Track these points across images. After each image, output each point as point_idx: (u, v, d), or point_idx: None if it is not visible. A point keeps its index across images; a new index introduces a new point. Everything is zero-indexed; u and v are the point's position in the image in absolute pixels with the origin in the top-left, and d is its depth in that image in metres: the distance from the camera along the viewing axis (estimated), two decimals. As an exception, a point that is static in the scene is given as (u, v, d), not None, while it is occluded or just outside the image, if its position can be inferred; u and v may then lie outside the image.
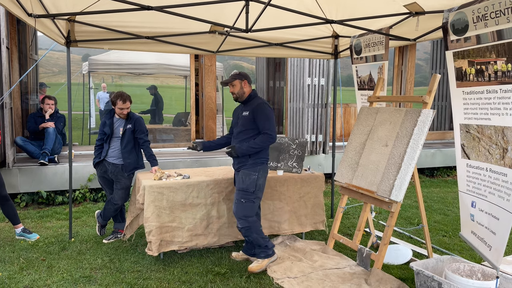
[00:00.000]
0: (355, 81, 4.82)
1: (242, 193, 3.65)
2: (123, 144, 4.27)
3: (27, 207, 5.75)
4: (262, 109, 3.65)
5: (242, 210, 3.63)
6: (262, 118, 3.63)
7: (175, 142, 8.69)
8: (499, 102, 2.76)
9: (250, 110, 3.68)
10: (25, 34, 7.15)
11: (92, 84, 11.99)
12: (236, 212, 3.66)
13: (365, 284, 3.40)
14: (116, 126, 4.34)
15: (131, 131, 4.30)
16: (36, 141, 6.09)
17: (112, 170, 4.32)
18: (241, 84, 3.75)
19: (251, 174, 3.65)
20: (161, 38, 4.67)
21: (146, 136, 4.35)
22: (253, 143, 3.62)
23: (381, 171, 3.57)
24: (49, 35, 3.94)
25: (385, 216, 5.57)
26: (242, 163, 3.70)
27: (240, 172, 3.71)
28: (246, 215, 3.62)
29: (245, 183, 3.64)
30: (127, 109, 4.26)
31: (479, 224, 3.02)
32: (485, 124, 2.90)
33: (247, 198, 3.63)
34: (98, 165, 4.40)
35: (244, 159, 3.69)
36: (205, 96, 7.73)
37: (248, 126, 3.69)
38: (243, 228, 3.63)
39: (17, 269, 3.71)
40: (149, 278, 3.59)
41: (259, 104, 3.69)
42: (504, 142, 2.74)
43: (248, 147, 3.62)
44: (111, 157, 4.33)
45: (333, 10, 4.04)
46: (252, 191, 3.64)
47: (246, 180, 3.64)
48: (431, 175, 8.39)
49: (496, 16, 2.66)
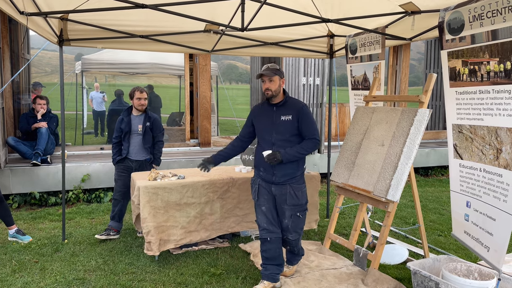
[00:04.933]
0: (349, 81, 4.81)
1: (296, 208, 3.35)
2: (145, 141, 4.49)
3: (19, 208, 5.68)
4: (308, 113, 3.34)
5: (298, 223, 3.39)
6: (309, 122, 3.31)
7: (169, 142, 8.63)
8: (492, 103, 2.76)
9: (294, 114, 3.30)
10: (17, 33, 7.06)
11: (85, 83, 11.89)
12: (292, 226, 3.37)
13: (362, 284, 3.39)
14: (134, 123, 4.48)
15: (150, 129, 4.50)
16: (29, 142, 6.02)
17: (136, 166, 4.51)
18: (280, 82, 3.34)
19: (301, 186, 3.38)
20: (155, 37, 4.62)
21: (162, 136, 4.62)
22: (301, 148, 3.29)
23: (377, 170, 3.56)
24: (42, 33, 3.87)
25: (380, 215, 5.57)
26: (290, 175, 3.33)
27: (287, 187, 3.32)
28: (301, 227, 3.43)
29: (299, 198, 3.35)
30: (145, 99, 4.47)
31: (474, 224, 3.01)
32: (478, 125, 2.90)
33: (302, 211, 3.39)
34: (119, 162, 4.52)
35: (292, 170, 3.32)
36: (200, 96, 7.68)
37: (294, 132, 3.32)
38: (294, 241, 3.42)
39: (9, 272, 3.64)
40: (144, 279, 3.55)
41: (303, 108, 3.34)
42: (497, 143, 2.74)
43: (296, 152, 3.27)
44: (133, 153, 4.50)
45: (329, 9, 4.02)
46: (305, 202, 3.41)
47: (299, 195, 3.35)
48: (426, 175, 8.42)
49: (492, 16, 2.66)
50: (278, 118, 3.33)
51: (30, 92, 7.73)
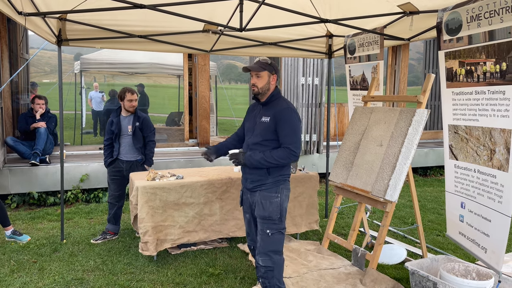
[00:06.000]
0: (347, 81, 4.81)
1: (266, 223, 2.90)
2: (135, 142, 4.45)
3: (18, 208, 5.67)
4: (287, 118, 2.85)
5: (268, 244, 2.89)
6: (286, 128, 2.84)
7: (168, 142, 8.63)
8: (487, 104, 2.77)
9: (272, 116, 2.89)
10: (16, 33, 7.05)
11: (83, 83, 11.89)
12: (261, 246, 2.91)
13: (360, 284, 3.40)
14: (124, 123, 4.46)
15: (140, 129, 4.47)
16: (27, 141, 6.01)
17: (127, 167, 4.47)
18: (269, 78, 2.95)
19: (272, 196, 2.89)
20: (154, 37, 4.62)
21: (153, 136, 4.57)
22: (270, 156, 2.83)
23: (375, 171, 3.56)
24: (40, 34, 3.87)
25: (379, 215, 5.58)
26: (259, 182, 2.93)
27: (256, 194, 2.94)
28: (272, 250, 2.90)
29: (267, 210, 2.88)
30: (136, 100, 4.45)
31: (469, 225, 3.02)
32: (473, 125, 2.91)
33: (274, 228, 2.88)
34: (110, 164, 4.50)
35: (261, 176, 2.92)
36: (199, 96, 7.68)
37: (268, 136, 2.89)
38: (264, 267, 2.91)
39: (8, 272, 3.64)
40: (143, 280, 3.55)
41: (285, 110, 2.87)
42: (491, 144, 2.75)
43: (262, 158, 2.84)
44: (124, 154, 4.47)
45: (327, 10, 4.03)
46: (278, 218, 2.89)
47: (268, 206, 2.88)
48: (424, 175, 8.43)
49: (490, 16, 2.66)
50: (260, 119, 2.98)
51: (29, 92, 7.72)
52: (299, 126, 2.91)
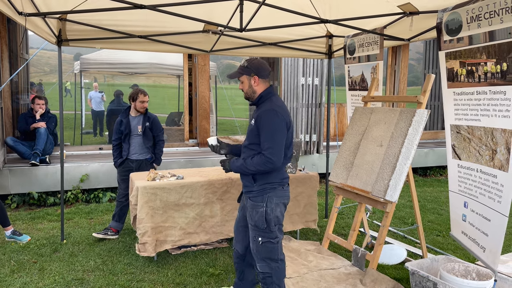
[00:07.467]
0: (346, 81, 4.82)
1: (254, 229, 2.79)
2: (146, 141, 4.54)
3: (18, 208, 5.67)
4: (266, 122, 2.66)
5: (261, 252, 2.78)
6: (264, 132, 2.66)
7: (168, 142, 8.63)
8: (489, 104, 2.77)
9: (256, 119, 2.74)
10: (16, 33, 7.05)
11: (83, 83, 11.88)
12: (256, 252, 2.81)
13: (360, 285, 3.40)
14: (133, 124, 4.52)
15: (149, 129, 4.55)
16: (27, 142, 6.01)
17: (136, 166, 4.54)
18: (249, 81, 2.80)
19: (258, 205, 2.75)
20: (154, 37, 4.62)
21: (162, 135, 4.68)
22: (250, 163, 2.71)
23: (375, 171, 3.56)
24: (40, 34, 3.87)
25: (379, 216, 5.58)
26: (246, 188, 2.85)
27: (248, 200, 2.85)
28: (267, 257, 2.79)
29: (253, 219, 2.78)
30: (147, 102, 4.53)
31: (471, 224, 3.02)
32: (475, 125, 2.91)
33: (264, 237, 2.76)
34: (121, 164, 4.55)
35: (248, 183, 2.81)
36: (199, 96, 7.68)
37: (254, 140, 2.75)
38: (262, 273, 2.81)
39: (8, 272, 3.64)
40: (143, 280, 3.56)
41: (264, 113, 2.69)
42: (493, 144, 2.75)
43: (242, 165, 2.74)
44: (134, 154, 4.54)
45: (327, 10, 4.03)
46: (265, 228, 2.74)
47: (254, 214, 2.77)
48: (424, 175, 8.43)
49: (490, 17, 2.67)
50: (250, 121, 2.89)
51: (29, 92, 7.72)
52: (281, 129, 2.66)
